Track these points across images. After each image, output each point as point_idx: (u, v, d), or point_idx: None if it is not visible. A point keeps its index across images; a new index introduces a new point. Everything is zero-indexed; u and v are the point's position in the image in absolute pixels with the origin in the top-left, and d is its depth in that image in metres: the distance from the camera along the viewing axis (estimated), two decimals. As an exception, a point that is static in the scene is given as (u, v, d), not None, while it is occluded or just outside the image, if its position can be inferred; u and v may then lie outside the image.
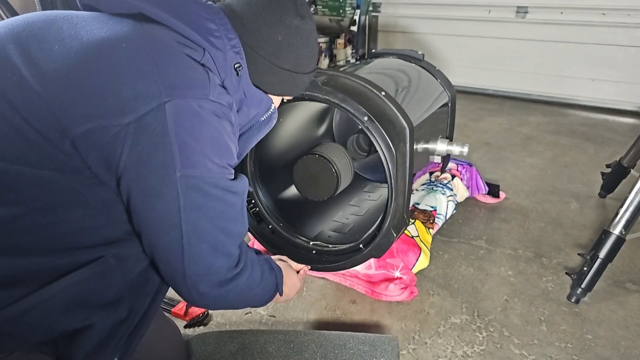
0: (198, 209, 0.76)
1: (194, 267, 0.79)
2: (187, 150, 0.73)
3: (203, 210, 0.77)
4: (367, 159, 1.62)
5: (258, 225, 1.52)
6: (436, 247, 1.73)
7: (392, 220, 1.26)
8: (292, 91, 1.00)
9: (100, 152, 0.71)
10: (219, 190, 0.79)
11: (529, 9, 3.53)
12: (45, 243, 0.72)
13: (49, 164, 0.69)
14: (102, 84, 0.70)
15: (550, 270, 1.61)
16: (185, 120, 0.73)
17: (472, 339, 1.31)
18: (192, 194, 0.75)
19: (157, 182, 0.73)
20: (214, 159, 0.77)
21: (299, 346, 1.11)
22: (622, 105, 3.41)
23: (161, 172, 0.73)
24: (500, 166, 2.47)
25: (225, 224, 0.81)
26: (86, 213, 0.74)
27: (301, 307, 1.44)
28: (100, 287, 0.76)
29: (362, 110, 1.18)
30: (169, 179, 0.73)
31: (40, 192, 0.70)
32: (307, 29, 0.92)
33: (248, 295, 0.92)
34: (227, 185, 0.80)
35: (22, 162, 0.68)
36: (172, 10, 0.80)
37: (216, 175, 0.78)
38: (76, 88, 0.70)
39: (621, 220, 1.40)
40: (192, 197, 0.75)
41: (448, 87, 1.70)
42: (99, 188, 0.74)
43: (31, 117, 0.68)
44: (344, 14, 4.10)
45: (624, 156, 1.97)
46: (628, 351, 1.27)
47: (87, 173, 0.72)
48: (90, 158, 0.71)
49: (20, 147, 0.68)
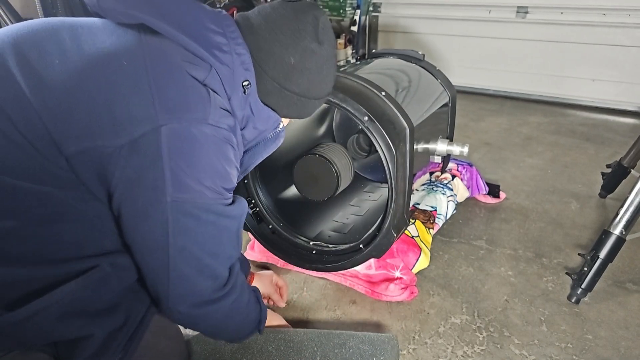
0: (186, 232, 0.75)
1: (178, 289, 0.79)
2: (179, 175, 0.72)
3: (192, 235, 0.76)
4: (367, 159, 1.62)
5: (258, 225, 1.52)
6: (436, 247, 1.73)
7: (392, 220, 1.26)
8: (300, 114, 0.95)
9: (94, 171, 0.71)
10: (212, 214, 0.77)
11: (530, 9, 3.53)
12: (41, 254, 0.72)
13: (47, 179, 0.70)
14: (98, 102, 0.69)
15: (550, 271, 1.61)
16: (180, 144, 0.72)
17: (472, 339, 1.31)
18: (181, 218, 0.74)
19: (146, 205, 0.73)
20: (208, 184, 0.76)
21: (299, 345, 1.11)
22: (622, 105, 3.41)
23: (151, 194, 0.72)
24: (501, 166, 2.47)
25: (215, 248, 0.80)
26: (82, 226, 0.74)
27: (301, 307, 1.44)
28: (97, 295, 0.76)
29: (362, 110, 1.18)
30: (159, 202, 0.72)
31: (38, 205, 0.70)
32: (324, 55, 0.87)
33: (230, 322, 0.91)
34: (221, 210, 0.79)
35: (23, 177, 0.68)
36: (178, 22, 0.76)
37: (209, 200, 0.76)
38: (72, 105, 0.69)
39: (621, 220, 1.40)
40: (182, 222, 0.74)
41: (448, 87, 1.70)
42: (94, 203, 0.74)
43: (28, 132, 0.68)
44: (344, 14, 4.10)
45: (624, 156, 1.97)
46: (628, 351, 1.27)
47: (82, 189, 0.72)
48: (85, 176, 0.71)
49: (21, 161, 0.68)
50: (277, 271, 1.61)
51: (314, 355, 1.09)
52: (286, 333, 1.15)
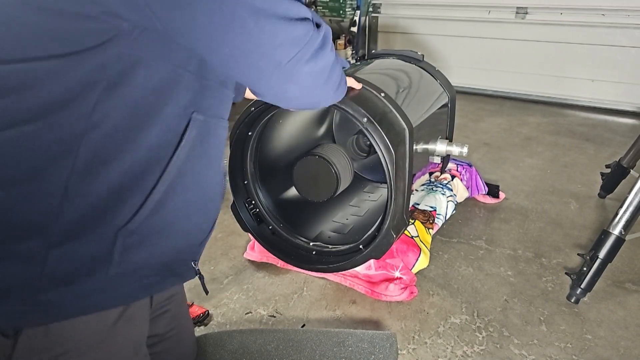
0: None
1: (280, 49, 0.65)
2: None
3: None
4: (366, 159, 1.62)
5: (258, 226, 1.52)
6: (436, 247, 1.73)
7: (392, 221, 1.26)
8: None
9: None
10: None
11: (529, 10, 3.54)
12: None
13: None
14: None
15: (549, 271, 1.61)
16: None
17: (472, 339, 1.31)
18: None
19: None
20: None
21: (298, 344, 1.11)
22: (621, 105, 3.42)
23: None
24: (500, 166, 2.47)
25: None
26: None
27: (301, 307, 1.45)
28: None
29: (362, 111, 1.18)
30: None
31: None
32: None
33: (333, 71, 0.78)
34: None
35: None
36: None
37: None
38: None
39: (621, 220, 1.40)
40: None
41: (448, 88, 1.70)
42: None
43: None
44: (344, 14, 4.11)
45: (623, 156, 1.98)
46: (628, 351, 1.27)
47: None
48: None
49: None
50: (278, 271, 1.61)
51: (313, 354, 1.09)
52: (285, 332, 1.15)
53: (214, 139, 0.73)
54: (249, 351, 1.10)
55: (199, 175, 0.71)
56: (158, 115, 0.62)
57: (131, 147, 0.61)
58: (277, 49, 0.65)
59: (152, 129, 0.62)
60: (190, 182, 0.69)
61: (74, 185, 0.58)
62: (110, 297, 0.65)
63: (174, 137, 0.65)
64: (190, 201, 0.71)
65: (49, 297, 0.60)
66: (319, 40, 0.71)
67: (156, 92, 0.61)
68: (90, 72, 0.56)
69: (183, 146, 0.66)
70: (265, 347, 1.10)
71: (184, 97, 0.64)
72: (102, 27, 0.55)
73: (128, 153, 0.61)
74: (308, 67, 0.70)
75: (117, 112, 0.59)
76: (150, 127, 0.62)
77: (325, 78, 0.76)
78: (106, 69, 0.57)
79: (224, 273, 1.62)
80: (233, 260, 1.69)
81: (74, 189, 0.59)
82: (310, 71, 0.71)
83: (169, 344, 0.93)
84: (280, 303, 1.46)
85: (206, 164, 0.72)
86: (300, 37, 0.67)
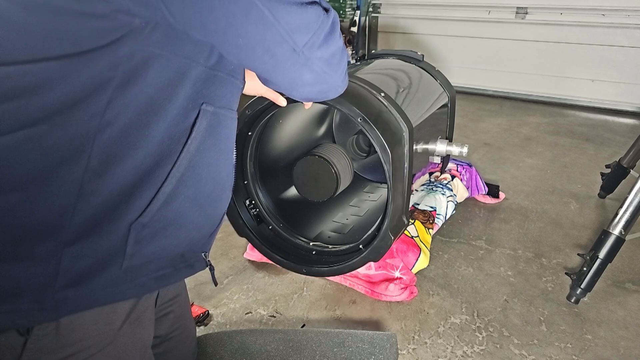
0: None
1: (295, 34, 0.65)
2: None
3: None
4: (366, 159, 1.62)
5: (258, 226, 1.52)
6: (436, 247, 1.73)
7: (391, 222, 1.26)
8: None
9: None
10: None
11: (529, 10, 3.54)
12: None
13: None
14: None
15: (549, 271, 1.61)
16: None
17: (472, 339, 1.31)
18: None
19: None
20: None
21: (298, 345, 1.12)
22: (621, 105, 3.42)
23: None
24: (500, 166, 2.47)
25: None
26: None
27: (301, 307, 1.44)
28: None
29: (357, 111, 1.18)
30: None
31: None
32: None
33: (342, 57, 0.77)
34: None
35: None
36: None
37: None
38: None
39: (621, 220, 1.40)
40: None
41: (448, 88, 1.70)
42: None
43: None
44: (344, 14, 4.11)
45: (623, 156, 1.98)
46: (628, 351, 1.27)
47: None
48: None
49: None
50: (278, 271, 1.61)
51: (313, 355, 1.09)
52: (285, 333, 1.15)
53: (224, 130, 0.73)
54: (249, 351, 1.10)
55: (209, 166, 0.71)
56: (169, 108, 0.62)
57: (143, 142, 0.61)
58: (293, 34, 0.65)
59: (163, 123, 0.62)
60: (201, 173, 0.69)
61: (89, 183, 0.58)
62: (124, 290, 0.65)
63: (184, 130, 0.65)
64: (202, 192, 0.71)
65: (63, 294, 0.60)
66: (330, 25, 0.70)
67: (167, 86, 0.61)
68: (102, 70, 0.56)
69: (193, 138, 0.66)
70: (265, 347, 1.10)
71: (194, 89, 0.64)
72: (113, 25, 0.55)
73: (140, 149, 0.61)
74: (320, 52, 0.70)
75: (130, 109, 0.59)
76: (160, 122, 0.62)
77: (337, 63, 0.75)
78: (118, 67, 0.57)
79: (224, 273, 1.62)
80: (233, 260, 1.69)
81: (89, 187, 0.58)
82: (322, 56, 0.71)
83: (171, 345, 0.93)
84: (280, 303, 1.46)
85: (217, 156, 0.72)
86: (313, 21, 0.67)
